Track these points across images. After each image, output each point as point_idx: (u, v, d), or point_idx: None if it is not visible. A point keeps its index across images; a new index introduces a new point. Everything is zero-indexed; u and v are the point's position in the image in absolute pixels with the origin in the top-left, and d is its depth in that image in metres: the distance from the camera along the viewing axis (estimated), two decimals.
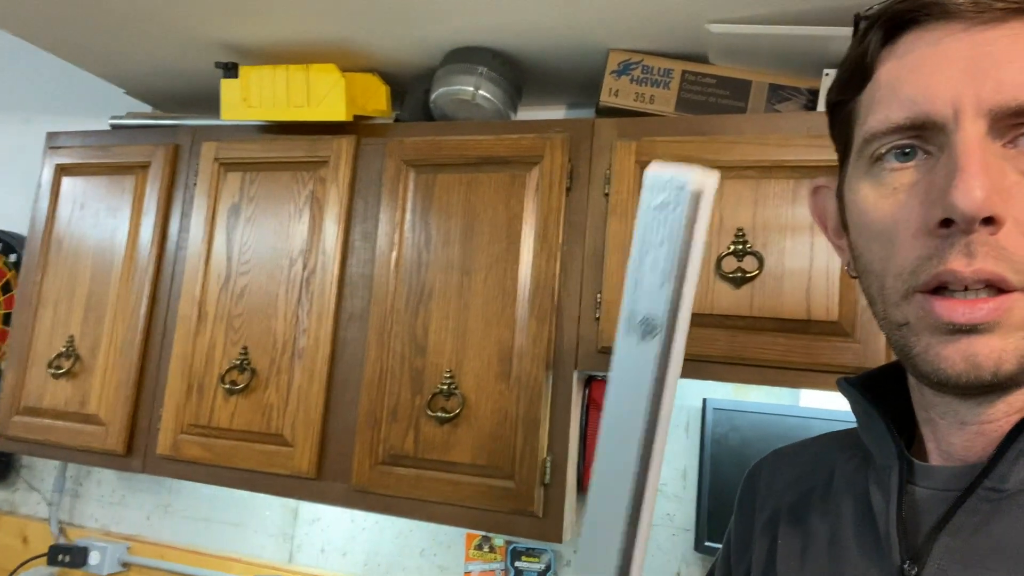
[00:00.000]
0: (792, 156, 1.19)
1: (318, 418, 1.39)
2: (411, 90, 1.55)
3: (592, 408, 1.35)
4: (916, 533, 0.45)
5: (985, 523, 0.42)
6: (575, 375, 1.29)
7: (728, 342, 1.18)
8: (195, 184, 1.57)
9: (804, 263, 1.17)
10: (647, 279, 0.29)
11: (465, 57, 1.43)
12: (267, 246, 1.49)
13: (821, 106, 1.30)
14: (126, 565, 1.85)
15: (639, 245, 0.29)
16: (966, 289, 0.40)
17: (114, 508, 1.94)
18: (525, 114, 1.67)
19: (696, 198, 0.27)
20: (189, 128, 1.62)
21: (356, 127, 1.48)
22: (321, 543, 1.74)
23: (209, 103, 1.79)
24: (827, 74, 1.32)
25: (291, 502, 1.77)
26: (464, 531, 1.60)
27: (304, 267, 1.46)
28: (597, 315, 1.26)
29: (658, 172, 0.28)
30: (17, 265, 2.03)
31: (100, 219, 1.65)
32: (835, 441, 0.60)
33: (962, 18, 0.41)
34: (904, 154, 0.43)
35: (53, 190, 1.71)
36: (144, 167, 1.63)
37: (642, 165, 1.27)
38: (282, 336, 1.44)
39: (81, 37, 1.59)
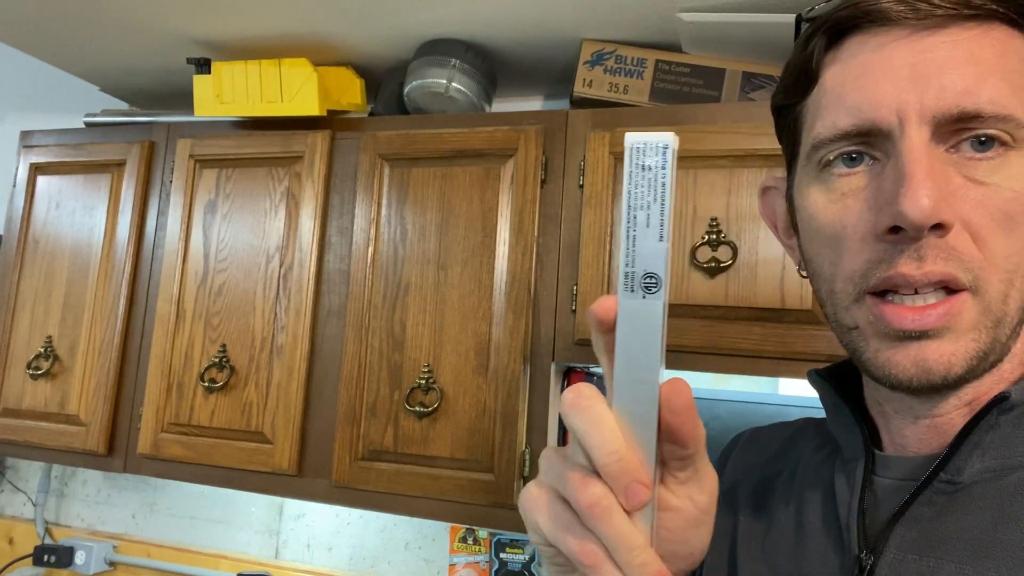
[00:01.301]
0: (766, 145, 1.19)
1: (298, 415, 1.38)
2: (385, 83, 1.54)
3: None
4: (876, 523, 0.46)
5: (940, 514, 0.43)
6: (552, 367, 1.29)
7: (703, 332, 1.18)
8: (171, 181, 1.56)
9: (778, 252, 1.17)
10: (643, 235, 0.30)
11: (438, 49, 1.42)
12: (244, 243, 1.48)
13: None
14: (112, 564, 1.84)
15: (630, 206, 0.31)
16: (915, 292, 0.40)
17: (99, 507, 1.94)
18: (499, 106, 1.66)
19: (674, 157, 0.30)
20: (164, 125, 1.61)
21: (330, 121, 1.47)
22: (307, 538, 1.74)
23: (184, 99, 1.77)
24: None
25: (276, 498, 1.77)
26: (448, 524, 1.60)
27: (281, 263, 1.45)
28: (573, 307, 1.26)
29: (642, 137, 0.30)
30: None
31: (76, 218, 1.64)
32: (808, 429, 0.60)
33: (903, 24, 0.41)
34: (851, 159, 0.43)
35: (28, 189, 1.70)
36: (120, 165, 1.62)
37: (616, 156, 1.27)
38: (260, 333, 1.44)
39: (54, 34, 1.57)
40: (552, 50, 1.46)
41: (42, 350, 1.60)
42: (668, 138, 0.30)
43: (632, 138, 0.31)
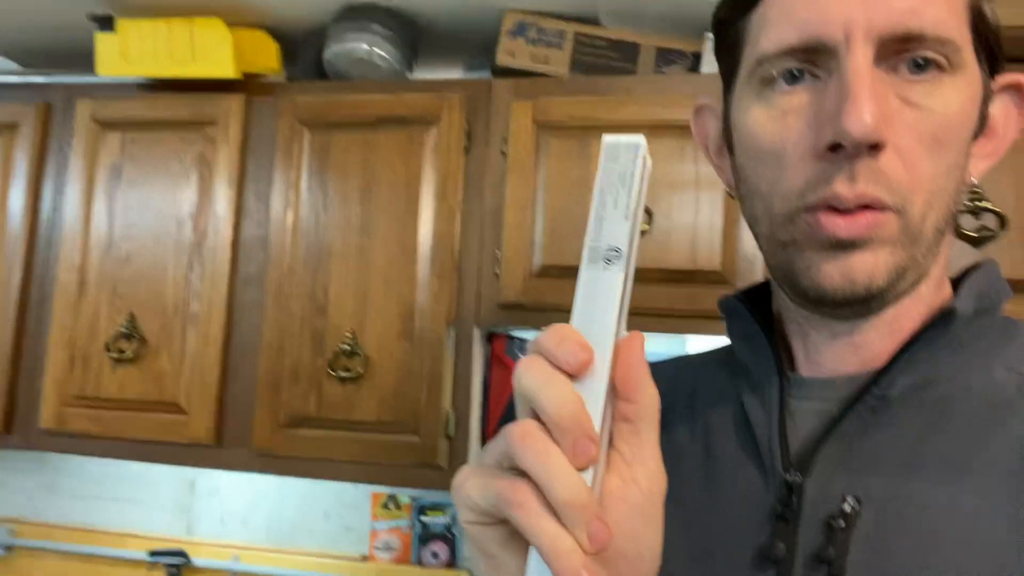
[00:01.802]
0: (678, 116, 1.25)
1: (215, 384, 1.36)
2: (302, 48, 1.51)
3: (494, 363, 1.38)
4: (798, 443, 0.46)
5: (866, 431, 0.44)
6: (476, 331, 1.32)
7: None
8: (70, 145, 1.48)
9: (690, 218, 1.24)
10: (610, 215, 0.34)
11: (359, 14, 1.41)
12: (153, 209, 1.43)
13: (704, 68, 1.37)
14: (10, 548, 1.75)
15: (600, 191, 0.34)
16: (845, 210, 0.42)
17: None
18: (421, 74, 1.66)
19: (644, 151, 0.34)
20: (62, 86, 1.52)
21: (245, 85, 1.43)
22: (220, 513, 1.71)
23: (81, 59, 1.67)
24: (709, 38, 1.39)
25: (187, 475, 1.73)
26: (369, 491, 1.61)
27: (194, 230, 1.41)
28: (497, 271, 1.29)
29: (616, 137, 0.35)
30: None
31: None
32: (690, 364, 0.60)
33: None
34: (793, 77, 0.43)
35: None
36: (12, 128, 1.52)
37: (539, 125, 1.30)
38: (172, 302, 1.40)
39: None
40: (474, 19, 1.47)
41: None
42: (639, 139, 0.34)
43: (608, 138, 0.35)
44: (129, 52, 1.40)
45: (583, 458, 0.31)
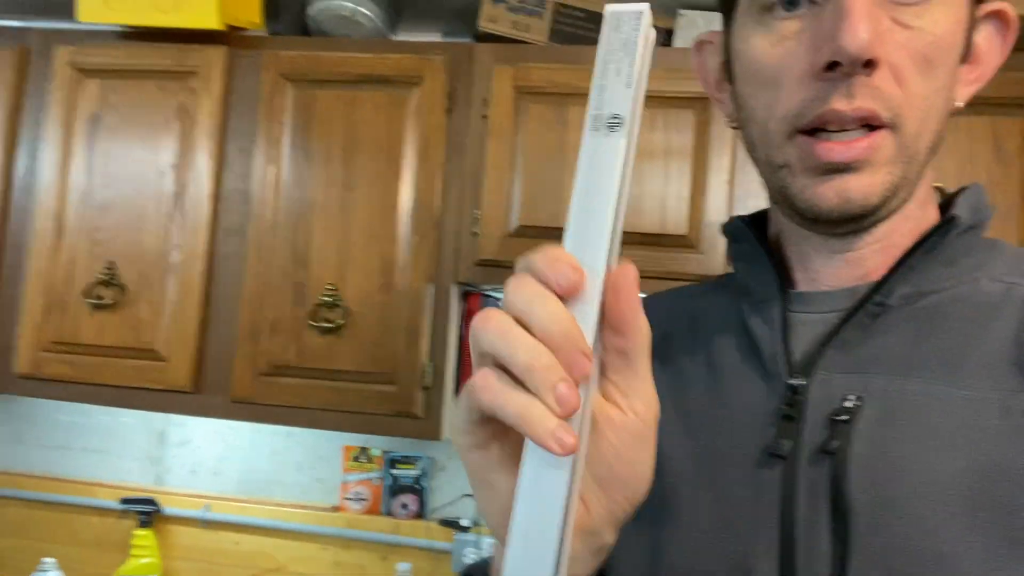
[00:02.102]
0: (651, 88, 1.31)
1: (194, 332, 1.38)
2: (286, 3, 1.53)
3: (469, 318, 1.44)
4: (800, 352, 0.49)
5: (864, 337, 0.47)
6: (454, 288, 1.37)
7: None
8: (48, 92, 1.48)
9: (660, 185, 1.31)
10: (612, 83, 0.34)
11: None
12: (133, 159, 1.44)
13: (677, 43, 1.43)
14: None
15: (603, 61, 0.34)
16: (842, 131, 0.44)
17: None
18: (405, 37, 1.69)
19: (647, 20, 0.34)
20: (40, 31, 1.51)
21: (228, 37, 1.44)
22: (191, 464, 1.74)
23: (58, 6, 1.66)
24: (681, 15, 1.45)
25: (158, 426, 1.75)
26: (341, 444, 1.66)
27: (175, 181, 1.42)
28: (475, 230, 1.34)
29: (618, 7, 0.34)
30: None
31: None
32: (686, 293, 0.63)
33: None
34: (791, 4, 0.46)
35: None
36: None
37: (519, 90, 1.35)
38: (153, 251, 1.41)
39: None
40: None
41: None
42: (642, 6, 0.34)
43: (610, 6, 0.35)
44: None
45: (577, 372, 0.31)
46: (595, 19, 1.45)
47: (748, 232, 0.55)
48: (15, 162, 1.49)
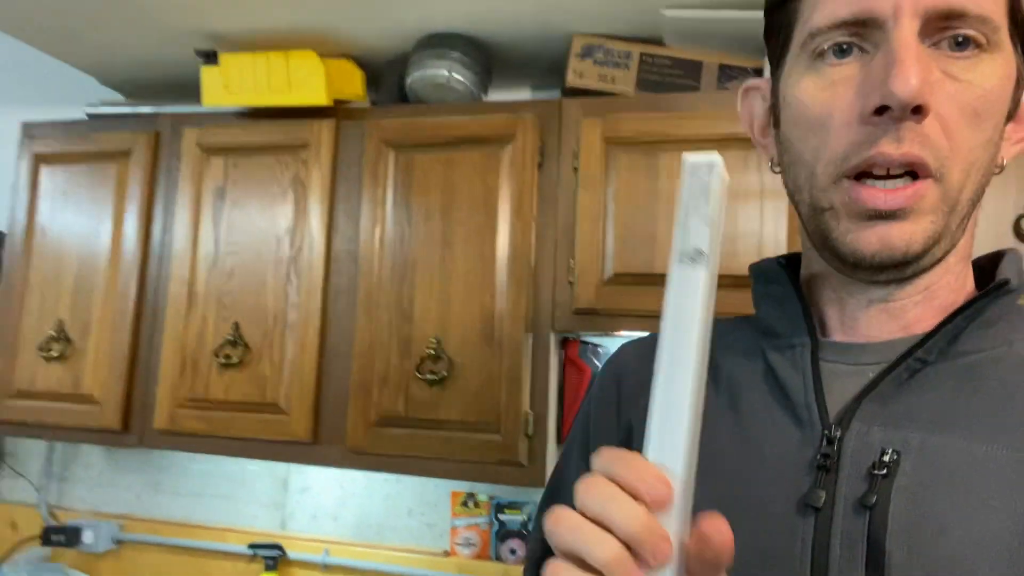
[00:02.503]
0: (742, 129, 1.31)
1: (311, 386, 1.47)
2: (386, 75, 1.63)
3: (568, 366, 1.46)
4: (831, 402, 0.49)
5: (902, 390, 0.47)
6: (552, 336, 1.40)
7: None
8: (178, 170, 1.63)
9: (755, 226, 1.30)
10: (693, 223, 0.38)
11: (438, 43, 1.52)
12: (254, 227, 1.56)
13: None
14: (119, 543, 1.90)
15: (684, 205, 0.38)
16: (888, 175, 0.45)
17: (103, 489, 1.99)
18: (495, 95, 1.76)
19: (720, 168, 0.39)
20: (169, 116, 1.67)
21: (335, 111, 1.56)
22: (312, 510, 1.83)
23: (184, 91, 1.84)
24: None
25: (281, 473, 1.85)
26: (449, 490, 1.71)
27: (291, 246, 1.53)
28: (571, 279, 1.37)
29: (696, 158, 0.39)
30: None
31: (83, 206, 1.69)
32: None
33: None
34: (842, 51, 0.47)
35: (32, 179, 1.75)
36: (125, 154, 1.68)
37: (608, 141, 1.38)
38: (272, 311, 1.52)
39: (55, 25, 1.63)
40: (543, 43, 1.57)
41: (53, 333, 1.65)
42: (715, 158, 0.39)
43: (689, 157, 0.39)
44: (231, 84, 1.54)
45: (660, 557, 0.33)
46: (681, 66, 1.47)
47: (783, 274, 0.55)
48: (151, 235, 1.64)
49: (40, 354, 1.65)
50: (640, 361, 0.62)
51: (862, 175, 0.46)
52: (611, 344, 1.57)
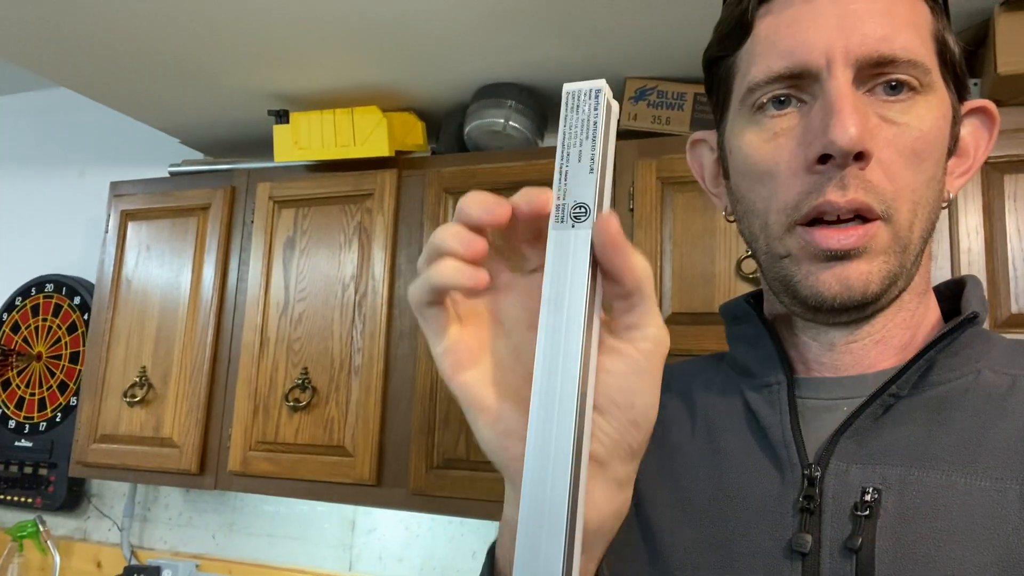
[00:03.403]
0: None
1: (376, 429, 1.51)
2: (445, 125, 1.69)
3: None
4: (810, 440, 0.49)
5: (877, 427, 0.47)
6: None
7: None
8: (252, 221, 1.72)
9: None
10: (575, 169, 0.32)
11: (494, 92, 1.57)
12: (321, 274, 1.62)
13: None
14: None
15: (564, 145, 0.32)
16: (838, 220, 0.46)
17: (181, 529, 2.07)
18: (551, 140, 1.80)
19: (607, 99, 0.32)
20: (244, 171, 1.77)
21: (397, 161, 1.62)
22: (379, 551, 1.85)
23: (258, 147, 1.94)
24: None
25: (348, 515, 1.89)
26: None
27: (356, 292, 1.59)
28: None
29: (576, 84, 0.33)
30: (81, 307, 2.19)
31: (165, 259, 1.79)
32: (680, 369, 0.61)
33: None
34: (781, 103, 0.48)
35: (120, 234, 1.87)
36: (204, 209, 1.78)
37: (663, 181, 1.39)
38: (339, 356, 1.57)
39: (139, 91, 1.75)
40: None
41: (137, 379, 1.74)
42: (600, 84, 0.33)
43: (568, 86, 0.33)
44: (301, 140, 1.62)
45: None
46: None
47: (752, 313, 0.55)
48: (228, 284, 1.73)
49: (124, 400, 1.74)
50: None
51: (814, 221, 0.47)
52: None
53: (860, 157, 0.44)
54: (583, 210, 0.32)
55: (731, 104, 0.52)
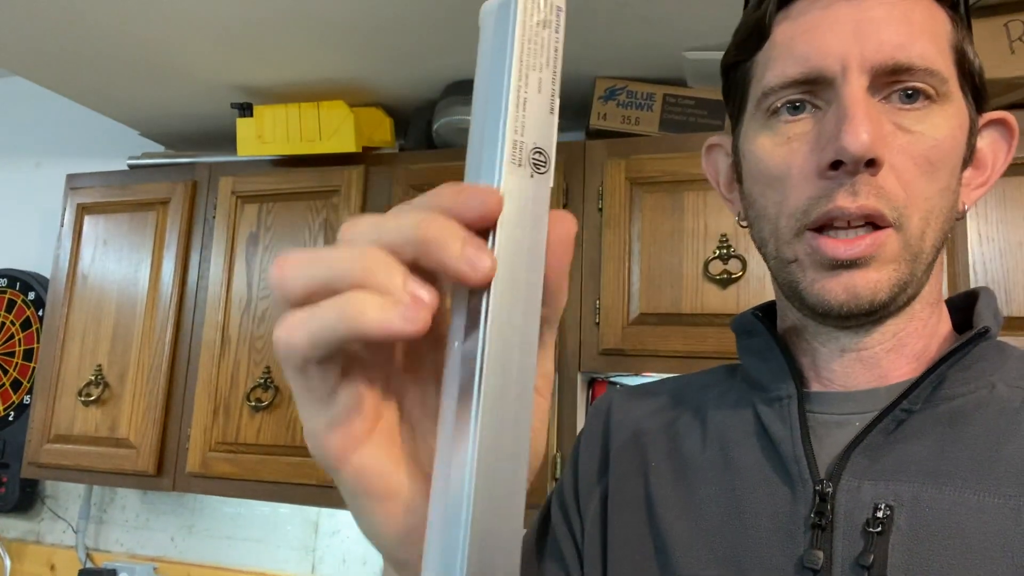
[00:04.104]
0: None
1: None
2: (413, 121, 1.67)
3: None
4: (821, 455, 0.48)
5: (891, 441, 0.47)
6: (579, 377, 1.39)
7: (717, 339, 1.29)
8: (214, 217, 1.68)
9: None
10: (534, 102, 0.26)
11: (464, 89, 1.55)
12: None
13: None
14: None
15: (524, 63, 0.26)
16: (848, 227, 0.45)
17: (139, 532, 2.01)
18: None
19: (563, 18, 0.27)
20: (206, 165, 1.73)
21: (364, 157, 1.59)
22: (342, 553, 1.82)
23: (221, 141, 1.90)
24: None
25: (312, 516, 1.86)
26: None
27: None
28: (597, 320, 1.37)
29: None
30: (35, 303, 2.12)
31: (123, 254, 1.75)
32: (693, 383, 0.61)
33: None
34: (796, 108, 0.48)
35: (76, 229, 1.81)
36: (164, 203, 1.73)
37: (632, 181, 1.39)
38: None
39: (99, 83, 1.70)
40: (567, 87, 1.59)
41: (92, 378, 1.69)
42: (559, 2, 0.27)
43: None
44: (265, 134, 1.59)
45: (492, 205, 0.25)
46: (704, 106, 1.48)
47: (759, 326, 0.54)
48: (188, 280, 1.68)
49: (79, 399, 1.69)
50: (636, 409, 0.61)
51: (823, 227, 0.47)
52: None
53: (872, 164, 0.44)
54: (543, 158, 0.26)
55: (747, 108, 0.52)
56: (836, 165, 0.45)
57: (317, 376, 0.26)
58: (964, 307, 0.54)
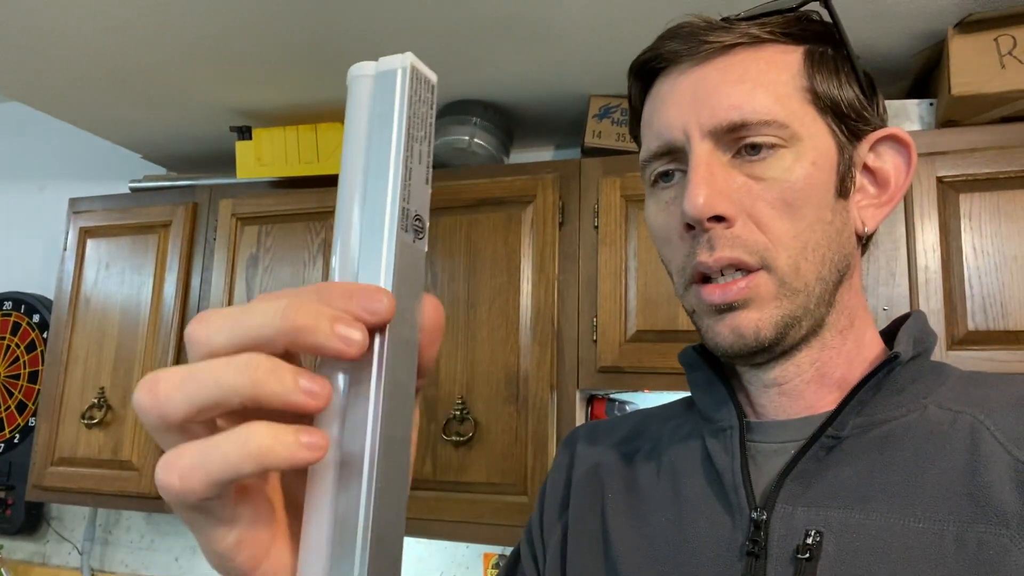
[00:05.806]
0: None
1: None
2: None
3: None
4: (760, 483, 0.50)
5: (820, 468, 0.48)
6: (578, 394, 1.39)
7: None
8: (215, 239, 1.69)
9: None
10: (417, 172, 0.28)
11: (459, 109, 1.56)
12: None
13: None
14: None
15: (407, 137, 0.27)
16: (722, 274, 0.49)
17: (143, 553, 2.02)
18: (516, 157, 1.80)
19: (426, 72, 0.28)
20: (206, 187, 1.74)
21: None
22: None
23: (221, 163, 1.92)
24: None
25: None
26: (482, 551, 1.69)
27: None
28: (594, 337, 1.37)
29: (421, 65, 0.28)
30: (40, 325, 2.14)
31: (125, 277, 1.76)
32: (654, 415, 0.64)
33: (689, 60, 0.51)
34: (667, 175, 0.53)
35: (78, 252, 1.83)
36: (166, 225, 1.75)
37: (627, 198, 1.40)
38: None
39: (100, 108, 1.72)
40: (562, 105, 1.60)
41: (95, 401, 1.70)
42: (432, 76, 0.29)
43: (413, 60, 0.28)
44: (263, 156, 1.60)
45: (381, 308, 0.25)
46: None
47: (699, 360, 0.57)
48: (188, 303, 1.70)
49: (82, 421, 1.70)
50: (599, 442, 0.64)
51: (705, 278, 0.50)
52: (638, 400, 1.55)
53: (720, 219, 0.48)
54: (421, 225, 0.28)
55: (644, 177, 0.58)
56: (690, 226, 0.49)
57: (216, 507, 0.25)
58: (895, 332, 0.55)
